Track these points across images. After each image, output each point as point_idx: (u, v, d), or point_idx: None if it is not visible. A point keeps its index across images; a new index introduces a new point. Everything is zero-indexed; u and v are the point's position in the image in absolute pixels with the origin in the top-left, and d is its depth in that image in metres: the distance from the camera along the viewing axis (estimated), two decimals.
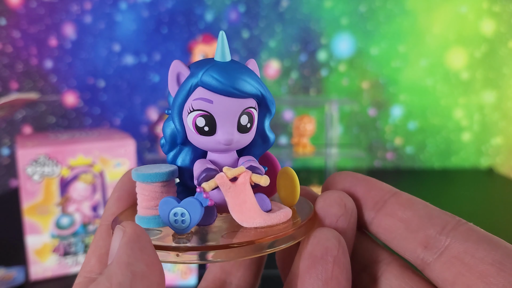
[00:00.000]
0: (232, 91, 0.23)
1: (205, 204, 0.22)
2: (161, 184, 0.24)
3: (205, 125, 0.23)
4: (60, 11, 1.37)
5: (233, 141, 0.23)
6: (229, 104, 0.23)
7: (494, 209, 1.04)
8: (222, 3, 1.39)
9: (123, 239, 0.20)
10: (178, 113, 0.24)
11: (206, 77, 0.23)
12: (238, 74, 0.23)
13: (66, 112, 1.41)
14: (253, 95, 0.24)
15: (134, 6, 1.38)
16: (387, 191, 0.24)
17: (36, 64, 1.38)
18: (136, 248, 0.20)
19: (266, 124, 0.25)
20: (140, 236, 0.20)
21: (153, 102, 1.41)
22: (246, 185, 0.23)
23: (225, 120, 0.23)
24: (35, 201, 0.69)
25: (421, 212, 0.22)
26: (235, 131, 0.23)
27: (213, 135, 0.23)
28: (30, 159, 0.68)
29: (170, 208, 0.22)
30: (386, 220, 0.23)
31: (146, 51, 1.40)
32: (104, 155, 0.73)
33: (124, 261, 0.19)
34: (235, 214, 0.23)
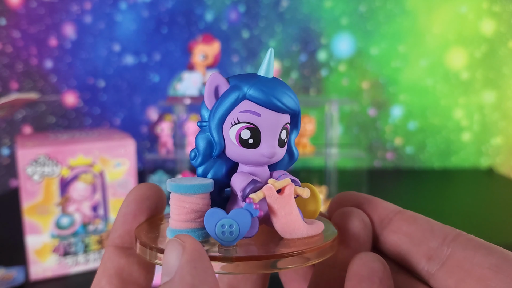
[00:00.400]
0: (279, 105, 0.23)
1: (255, 214, 0.22)
2: (202, 196, 0.23)
3: (250, 137, 0.23)
4: (60, 11, 1.37)
5: (276, 154, 0.24)
6: (274, 118, 0.23)
7: (494, 209, 1.04)
8: (222, 3, 1.39)
9: (184, 256, 0.19)
10: (219, 125, 0.24)
11: (255, 90, 0.23)
12: (283, 89, 0.24)
13: (66, 112, 1.41)
14: (294, 110, 0.24)
15: (134, 6, 1.38)
16: (391, 209, 0.25)
17: (36, 64, 1.38)
18: (200, 268, 0.19)
19: (293, 140, 0.26)
20: (201, 254, 0.19)
21: (153, 102, 1.41)
22: (292, 197, 0.23)
23: (269, 133, 0.23)
24: (35, 201, 0.69)
25: (423, 226, 0.24)
26: (276, 145, 0.24)
27: (256, 148, 0.23)
28: (30, 159, 0.68)
29: (218, 219, 0.22)
30: (392, 236, 0.24)
31: (146, 51, 1.40)
32: (104, 155, 0.73)
33: (188, 282, 0.18)
34: (279, 225, 0.23)
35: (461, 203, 1.09)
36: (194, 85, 0.79)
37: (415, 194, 1.16)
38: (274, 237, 0.24)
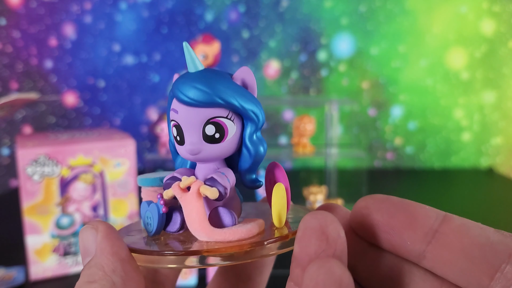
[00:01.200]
0: (186, 100, 0.23)
1: (160, 211, 0.23)
2: (153, 189, 0.24)
3: (177, 134, 0.23)
4: (60, 11, 1.37)
5: (198, 151, 0.23)
6: (191, 113, 0.23)
7: (494, 209, 1.04)
8: (222, 3, 1.39)
9: (99, 235, 0.21)
10: (168, 123, 0.25)
11: (174, 89, 0.23)
12: (195, 83, 0.23)
13: (66, 112, 1.41)
14: (210, 103, 0.23)
15: (134, 6, 1.38)
16: (433, 217, 0.22)
17: (36, 64, 1.38)
18: (115, 238, 0.21)
19: (248, 135, 0.24)
20: (113, 230, 0.22)
21: (153, 102, 1.41)
22: (194, 196, 0.22)
23: (190, 130, 0.23)
24: (35, 201, 0.69)
25: (479, 238, 0.20)
26: (199, 141, 0.23)
27: (183, 144, 0.23)
28: (30, 159, 0.68)
29: (145, 210, 0.23)
30: (442, 252, 0.21)
31: (146, 51, 1.40)
32: (104, 155, 0.73)
33: (109, 250, 0.21)
34: (187, 224, 0.23)
35: (461, 203, 1.09)
36: None
37: (415, 194, 1.16)
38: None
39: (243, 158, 0.24)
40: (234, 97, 0.23)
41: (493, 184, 1.28)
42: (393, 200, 0.23)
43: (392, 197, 0.23)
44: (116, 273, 0.20)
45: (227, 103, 0.23)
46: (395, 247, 0.22)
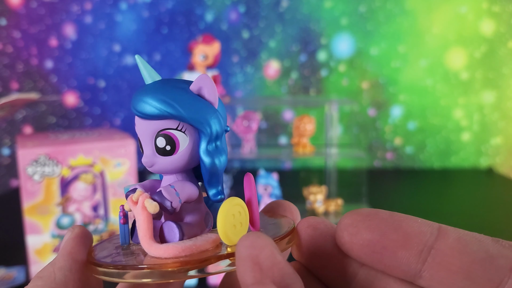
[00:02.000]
0: (136, 113, 0.23)
1: (119, 222, 0.24)
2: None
3: (140, 146, 0.24)
4: (60, 11, 1.37)
5: (152, 163, 0.23)
6: (143, 126, 0.23)
7: (494, 209, 1.04)
8: (222, 4, 1.39)
9: (69, 235, 0.23)
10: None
11: (132, 102, 0.24)
12: (143, 96, 0.23)
13: (67, 112, 1.42)
14: (155, 116, 0.23)
15: (134, 7, 1.38)
16: (428, 232, 0.20)
17: (36, 64, 1.38)
18: (79, 242, 0.23)
19: (202, 147, 0.23)
20: (85, 234, 0.23)
21: None
22: (140, 209, 0.22)
23: (144, 142, 0.24)
24: (35, 201, 0.69)
25: (478, 254, 0.19)
26: (152, 154, 0.23)
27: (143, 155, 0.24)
28: (30, 159, 0.68)
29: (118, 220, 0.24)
30: (440, 272, 0.20)
31: (146, 51, 1.40)
32: (104, 155, 0.73)
33: (67, 250, 0.23)
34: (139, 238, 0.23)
35: (461, 203, 1.09)
36: None
37: (415, 194, 1.16)
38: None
39: (202, 170, 0.24)
40: (182, 107, 0.23)
41: (493, 184, 1.28)
42: (382, 215, 0.21)
43: (380, 212, 0.21)
44: (62, 271, 0.22)
45: (174, 115, 0.22)
46: (388, 267, 0.21)
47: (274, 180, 0.77)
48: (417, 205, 1.05)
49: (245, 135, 0.83)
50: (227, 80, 1.40)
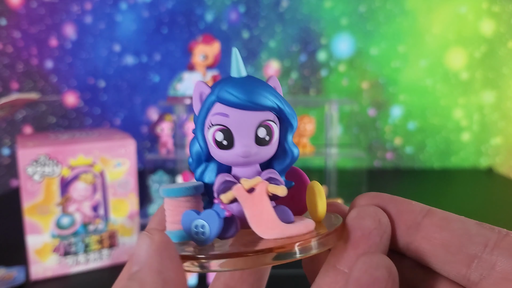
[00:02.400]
0: (246, 103, 0.23)
1: (222, 215, 0.22)
2: (185, 199, 0.24)
3: (223, 139, 0.23)
4: (60, 11, 1.37)
5: (251, 153, 0.24)
6: (244, 117, 0.24)
7: (494, 209, 1.05)
8: (222, 4, 1.39)
9: (152, 247, 0.20)
10: (201, 130, 0.24)
11: (222, 92, 0.23)
12: (252, 88, 0.24)
13: (67, 112, 1.42)
14: (268, 107, 0.24)
15: (135, 7, 1.38)
16: (418, 211, 0.23)
17: (36, 64, 1.38)
18: (166, 256, 0.20)
19: (287, 138, 0.25)
20: (168, 244, 0.21)
21: (153, 102, 1.42)
22: (263, 196, 0.23)
23: (242, 133, 0.24)
24: (35, 201, 0.69)
25: (458, 231, 0.22)
26: (252, 144, 0.24)
27: (231, 148, 0.24)
28: (30, 159, 0.68)
29: (191, 220, 0.23)
30: (423, 244, 0.22)
31: (146, 51, 1.40)
32: (104, 155, 0.73)
33: (155, 268, 0.20)
34: (253, 225, 0.23)
35: (461, 203, 1.09)
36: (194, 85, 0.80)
37: (415, 194, 1.16)
38: (256, 237, 0.23)
39: (280, 159, 0.25)
40: (281, 101, 0.25)
41: (493, 184, 1.28)
42: (385, 195, 0.24)
43: (385, 194, 0.24)
44: None
45: (280, 107, 0.24)
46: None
47: None
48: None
49: None
50: None
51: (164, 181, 0.77)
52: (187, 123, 0.82)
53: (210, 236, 0.22)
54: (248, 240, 0.23)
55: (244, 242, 0.23)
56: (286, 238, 0.22)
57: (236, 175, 0.25)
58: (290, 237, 0.22)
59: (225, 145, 0.24)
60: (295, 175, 0.27)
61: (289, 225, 0.23)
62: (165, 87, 1.37)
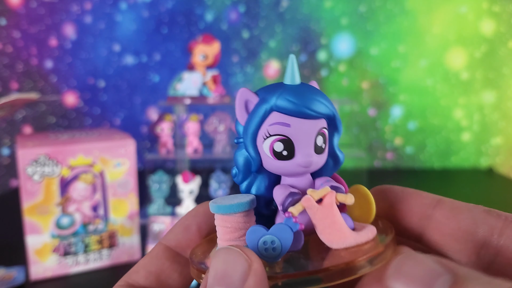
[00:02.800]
0: (308, 112, 0.22)
1: (296, 229, 0.21)
2: (243, 214, 0.23)
3: (283, 149, 0.23)
4: (60, 11, 1.37)
5: (312, 163, 0.23)
6: (305, 126, 0.23)
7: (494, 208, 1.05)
8: (222, 3, 1.39)
9: (253, 278, 0.18)
10: (252, 140, 0.23)
11: (281, 101, 0.23)
12: (311, 95, 0.23)
13: (66, 112, 1.42)
14: (326, 115, 0.23)
15: (134, 6, 1.38)
16: (429, 203, 0.24)
17: (36, 64, 1.38)
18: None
19: (335, 144, 0.25)
20: (265, 277, 0.19)
21: (153, 102, 1.41)
22: (333, 206, 0.22)
23: (303, 142, 0.23)
24: (35, 201, 0.69)
25: (466, 220, 0.23)
26: (313, 153, 0.23)
27: (292, 158, 0.23)
28: (30, 159, 0.68)
29: (259, 236, 0.22)
30: (435, 235, 0.23)
31: (146, 51, 1.40)
32: (104, 155, 0.73)
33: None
34: (324, 236, 0.22)
35: None
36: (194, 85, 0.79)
37: None
38: (322, 248, 0.23)
39: (329, 165, 0.25)
40: (335, 109, 0.24)
41: (493, 184, 1.28)
42: (398, 188, 0.25)
43: (397, 187, 0.26)
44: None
45: (334, 115, 0.24)
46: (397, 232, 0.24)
47: None
48: None
49: None
50: (227, 80, 1.40)
51: (164, 181, 0.77)
52: (187, 123, 0.82)
53: (282, 252, 0.21)
54: (315, 252, 0.23)
55: (313, 255, 0.23)
56: (356, 247, 0.22)
57: (291, 185, 0.24)
58: (359, 245, 0.22)
59: (285, 155, 0.23)
60: (334, 179, 0.26)
61: (359, 233, 0.22)
62: (165, 87, 1.37)
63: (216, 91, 0.82)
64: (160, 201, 0.78)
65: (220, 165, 0.93)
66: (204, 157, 0.81)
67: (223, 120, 0.81)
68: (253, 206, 0.24)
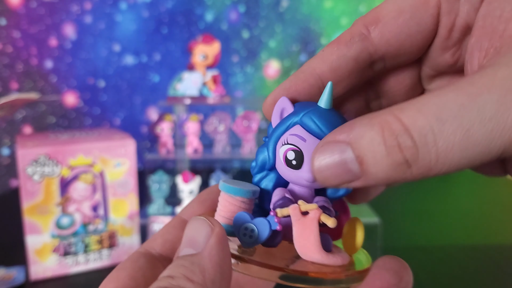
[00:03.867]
0: (320, 133, 0.25)
1: (274, 227, 0.24)
2: (242, 200, 0.26)
3: (294, 159, 0.25)
4: (60, 11, 1.37)
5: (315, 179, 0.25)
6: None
7: (494, 209, 1.05)
8: (222, 3, 1.39)
9: (214, 238, 0.21)
10: (274, 143, 0.26)
11: (307, 118, 0.25)
12: (334, 123, 0.25)
13: (66, 112, 1.42)
14: None
15: (134, 6, 1.38)
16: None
17: (36, 64, 1.38)
18: (225, 251, 0.21)
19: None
20: (226, 240, 0.21)
21: (153, 102, 1.42)
22: (314, 222, 0.24)
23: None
24: (35, 201, 0.70)
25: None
26: None
27: (298, 169, 0.25)
28: (30, 159, 0.68)
29: (243, 222, 0.24)
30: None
31: (146, 51, 1.40)
32: (104, 155, 0.73)
33: (217, 261, 0.21)
34: (297, 244, 0.24)
35: (460, 204, 1.10)
36: (194, 85, 0.79)
37: (414, 193, 1.17)
38: (294, 254, 0.25)
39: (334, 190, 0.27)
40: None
41: (493, 185, 1.29)
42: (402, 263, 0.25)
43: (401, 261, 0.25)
44: (214, 286, 0.20)
45: None
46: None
47: None
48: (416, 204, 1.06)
49: (245, 135, 0.83)
50: (227, 80, 1.40)
51: (164, 181, 0.77)
52: (187, 123, 0.82)
53: (257, 241, 0.24)
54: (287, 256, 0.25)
55: (284, 256, 0.25)
56: (321, 265, 0.24)
57: (293, 191, 0.26)
58: (326, 265, 0.24)
59: (293, 164, 0.25)
60: (339, 203, 0.28)
61: (328, 255, 0.24)
62: (165, 87, 1.37)
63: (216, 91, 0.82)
64: (160, 201, 0.78)
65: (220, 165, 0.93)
66: (204, 157, 0.82)
67: (223, 120, 0.81)
68: (253, 196, 0.26)
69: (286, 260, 0.25)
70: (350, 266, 0.24)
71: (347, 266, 0.24)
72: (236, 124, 0.82)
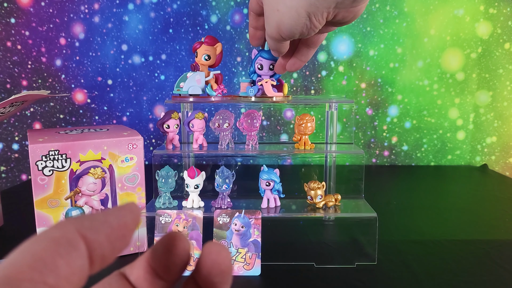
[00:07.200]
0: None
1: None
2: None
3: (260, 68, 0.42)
4: (69, 11, 1.40)
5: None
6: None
7: (488, 203, 1.06)
8: (227, 5, 1.41)
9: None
10: (253, 64, 0.53)
11: (262, 53, 0.57)
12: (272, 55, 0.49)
13: (75, 109, 1.44)
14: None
15: (141, 7, 1.41)
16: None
17: (45, 62, 1.41)
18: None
19: None
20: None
21: (160, 100, 1.44)
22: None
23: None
24: (45, 195, 0.71)
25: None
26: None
27: (261, 70, 0.44)
28: (41, 154, 0.70)
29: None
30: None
31: (152, 51, 1.43)
32: (113, 150, 0.75)
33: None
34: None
35: (455, 198, 1.11)
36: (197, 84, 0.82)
37: (412, 189, 1.18)
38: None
39: None
40: None
41: (488, 182, 1.30)
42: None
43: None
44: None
45: None
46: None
47: (276, 175, 0.79)
48: (413, 200, 1.07)
49: (248, 132, 0.85)
50: (231, 79, 1.42)
51: (170, 176, 0.80)
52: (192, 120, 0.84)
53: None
54: None
55: None
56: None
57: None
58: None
59: (259, 69, 0.51)
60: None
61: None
62: (171, 85, 1.39)
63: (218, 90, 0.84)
64: (166, 195, 0.81)
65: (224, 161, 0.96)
66: (209, 153, 0.84)
67: (226, 118, 0.83)
68: None
69: None
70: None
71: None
72: (240, 122, 0.84)
